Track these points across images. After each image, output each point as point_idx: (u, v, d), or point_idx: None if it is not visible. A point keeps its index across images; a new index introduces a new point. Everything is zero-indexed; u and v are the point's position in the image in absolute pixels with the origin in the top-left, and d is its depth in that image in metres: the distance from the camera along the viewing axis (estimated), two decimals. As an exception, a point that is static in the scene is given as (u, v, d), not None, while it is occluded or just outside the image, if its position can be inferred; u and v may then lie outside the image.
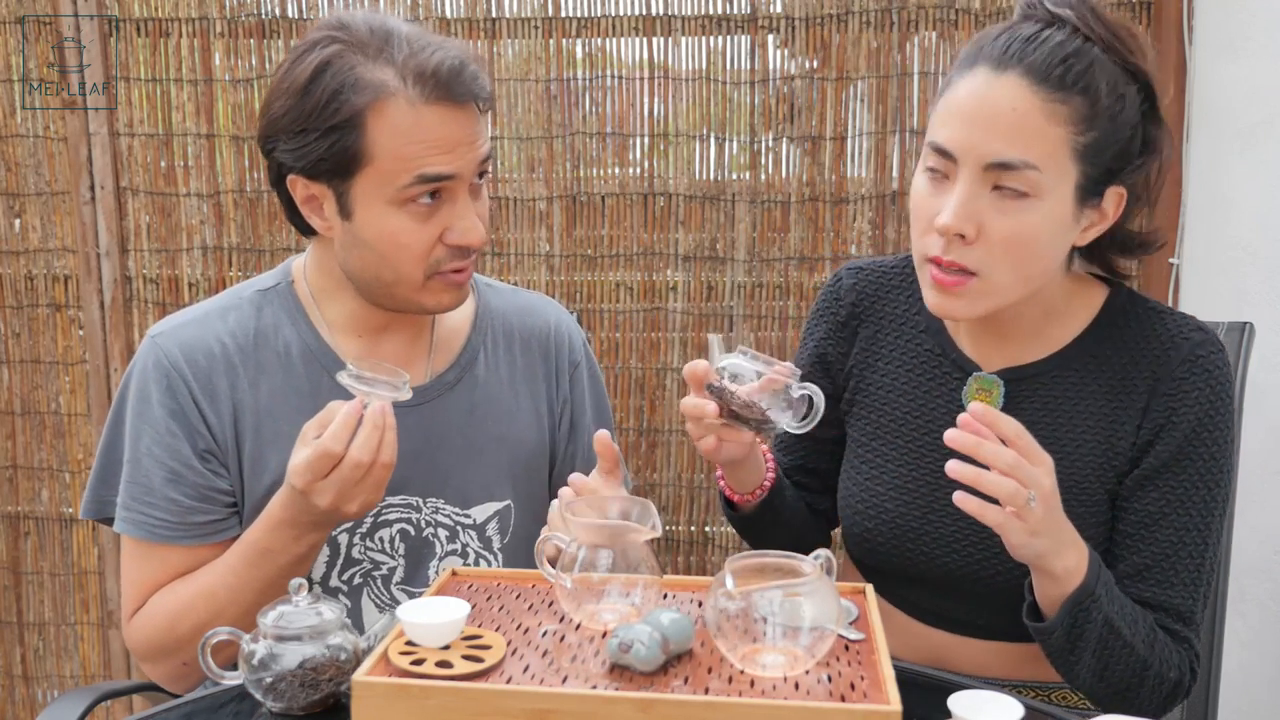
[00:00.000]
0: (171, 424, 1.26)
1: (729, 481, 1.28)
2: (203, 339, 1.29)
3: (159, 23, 2.26)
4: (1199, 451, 1.17)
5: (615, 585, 1.01)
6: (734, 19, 2.20)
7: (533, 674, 0.93)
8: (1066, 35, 1.09)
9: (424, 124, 1.18)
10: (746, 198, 2.24)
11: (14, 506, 2.45)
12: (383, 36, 1.19)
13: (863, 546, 1.32)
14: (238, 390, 1.29)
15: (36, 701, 2.51)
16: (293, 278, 1.35)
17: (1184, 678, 1.15)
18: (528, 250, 2.29)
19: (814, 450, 1.39)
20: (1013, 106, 1.07)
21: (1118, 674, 1.11)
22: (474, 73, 1.21)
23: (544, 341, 1.44)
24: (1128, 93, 1.11)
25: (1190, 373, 1.17)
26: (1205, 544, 1.18)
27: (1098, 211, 1.15)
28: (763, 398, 1.10)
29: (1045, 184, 1.08)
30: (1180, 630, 1.16)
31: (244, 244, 2.32)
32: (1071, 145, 1.08)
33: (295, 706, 1.01)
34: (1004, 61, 1.08)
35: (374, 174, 1.19)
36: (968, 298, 1.13)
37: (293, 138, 1.20)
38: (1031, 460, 1.01)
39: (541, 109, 2.24)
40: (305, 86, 1.19)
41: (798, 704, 0.86)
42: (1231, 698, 1.77)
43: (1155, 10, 2.11)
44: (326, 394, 1.30)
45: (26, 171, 2.33)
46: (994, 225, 1.10)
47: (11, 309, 2.39)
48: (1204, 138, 2.06)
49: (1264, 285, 1.87)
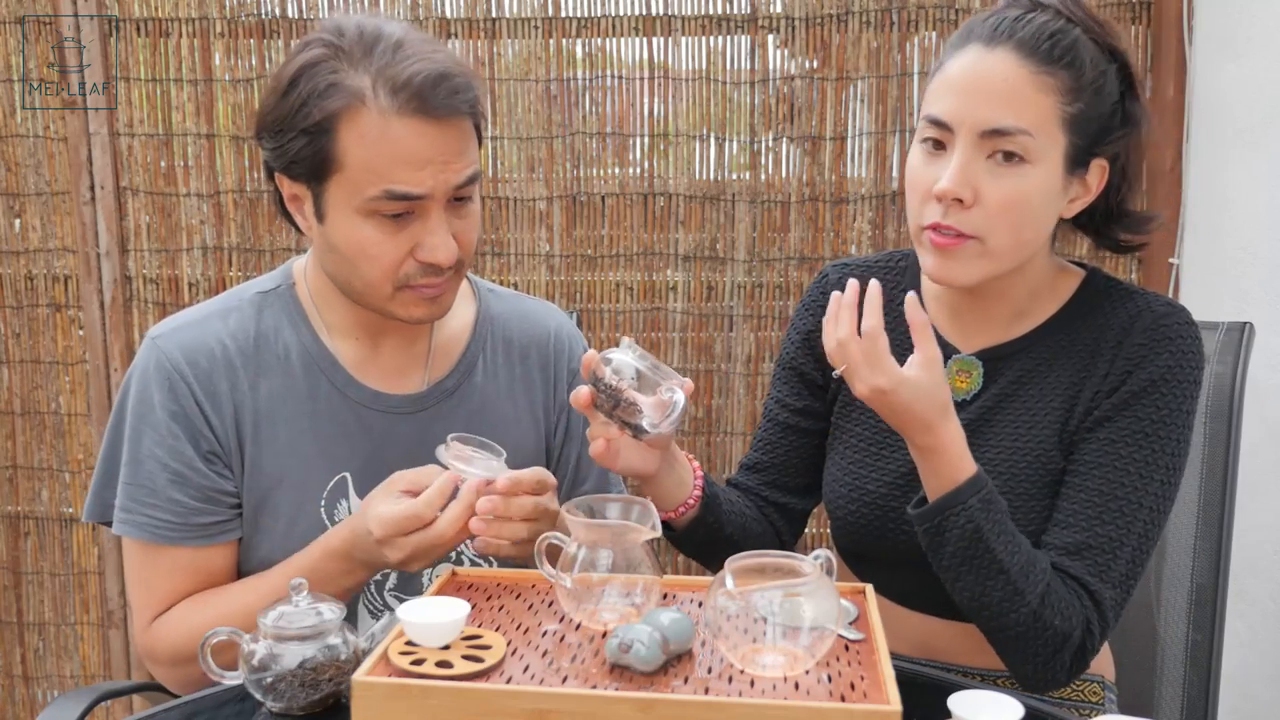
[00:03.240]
0: (174, 425, 1.26)
1: (651, 498, 1.28)
2: (203, 340, 1.29)
3: (159, 23, 2.26)
4: (1146, 410, 1.19)
5: (615, 585, 1.01)
6: (734, 19, 2.20)
7: (533, 674, 0.93)
8: (1050, 16, 1.17)
9: (393, 136, 1.15)
10: (746, 198, 2.24)
11: (14, 506, 2.45)
12: (370, 42, 1.17)
13: (847, 531, 1.34)
14: (238, 392, 1.28)
15: (36, 701, 2.52)
16: (293, 280, 1.35)
17: (1073, 632, 1.14)
18: (528, 250, 2.29)
19: (797, 446, 1.40)
20: (1004, 77, 1.14)
21: (994, 599, 1.12)
22: (455, 86, 1.16)
23: (543, 348, 1.43)
24: (1109, 70, 1.18)
25: (1152, 339, 1.20)
26: (1138, 504, 1.17)
27: (1082, 183, 1.21)
28: (636, 395, 1.11)
29: (1037, 149, 1.15)
30: (1091, 583, 1.16)
31: (244, 244, 2.32)
32: (1060, 114, 1.15)
33: (295, 706, 1.01)
34: (994, 38, 1.16)
35: (344, 181, 1.17)
36: (965, 260, 1.18)
37: (273, 136, 1.20)
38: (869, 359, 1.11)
39: (541, 109, 2.24)
40: (286, 87, 1.18)
41: (798, 704, 0.86)
42: (1231, 697, 1.77)
43: (1155, 10, 2.11)
44: (325, 398, 1.30)
45: (26, 171, 2.33)
46: (989, 190, 1.15)
47: (11, 309, 2.39)
48: (1204, 138, 2.06)
49: (1264, 285, 1.87)
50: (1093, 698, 1.32)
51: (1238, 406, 1.44)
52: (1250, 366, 1.46)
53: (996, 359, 1.28)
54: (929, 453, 1.13)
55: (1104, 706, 1.32)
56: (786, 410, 1.40)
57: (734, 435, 2.32)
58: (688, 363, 2.30)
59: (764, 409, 1.45)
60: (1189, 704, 1.49)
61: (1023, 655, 1.15)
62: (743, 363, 2.29)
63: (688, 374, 2.30)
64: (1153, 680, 1.54)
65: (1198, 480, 1.47)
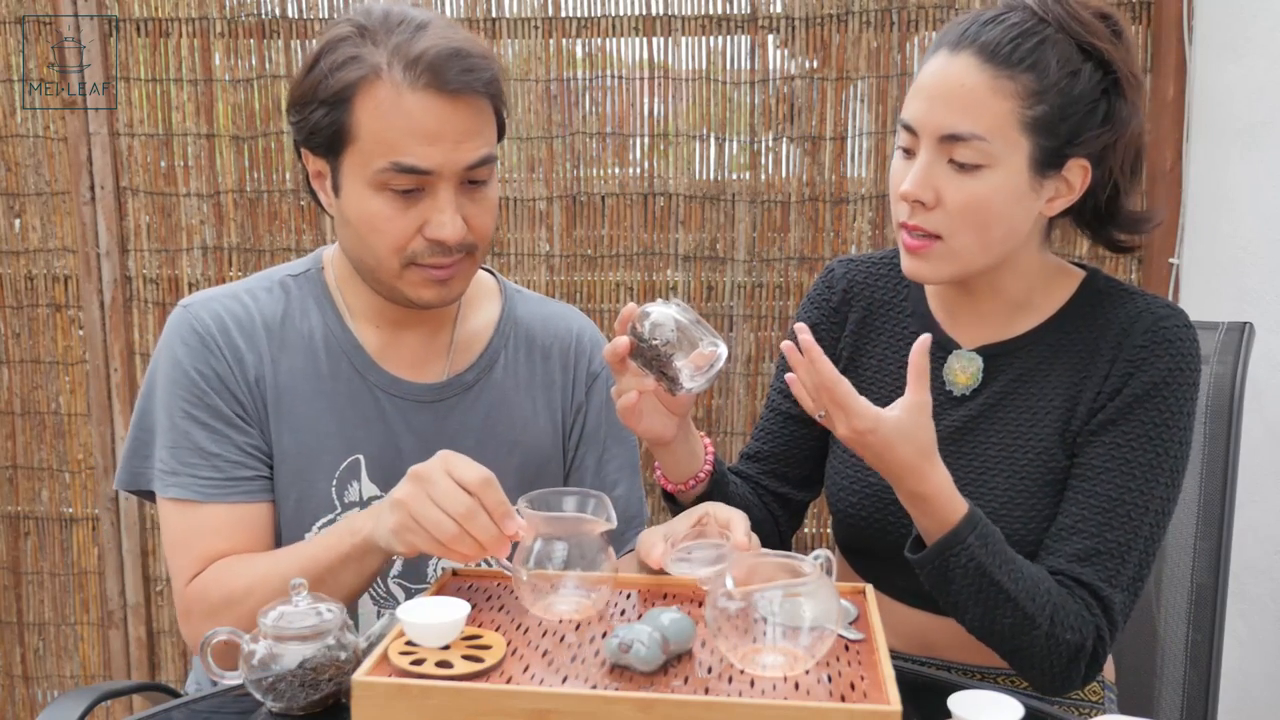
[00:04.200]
0: (205, 386, 1.27)
1: (663, 468, 1.29)
2: (233, 309, 1.31)
3: (159, 23, 2.26)
4: (1149, 414, 1.19)
5: (570, 578, 1.03)
6: (734, 19, 2.20)
7: (533, 674, 0.93)
8: (1023, 17, 1.17)
9: (405, 109, 1.17)
10: (746, 198, 2.24)
11: (14, 506, 2.45)
12: (394, 22, 1.20)
13: (848, 525, 1.34)
14: (262, 363, 1.30)
15: (36, 701, 2.52)
16: (322, 265, 1.37)
17: (1085, 642, 1.15)
18: (528, 250, 2.29)
19: (799, 436, 1.41)
20: (962, 83, 1.16)
21: (1006, 626, 1.14)
22: (470, 64, 1.18)
23: (565, 350, 1.43)
24: (1083, 69, 1.17)
25: (1152, 341, 1.21)
26: (1144, 508, 1.18)
27: (1062, 183, 1.20)
28: (675, 348, 1.12)
29: (995, 154, 1.15)
30: (1102, 589, 1.17)
31: (244, 244, 2.32)
32: (1019, 118, 1.15)
33: (295, 706, 1.01)
34: (960, 43, 1.17)
35: (357, 153, 1.20)
36: (933, 260, 1.20)
37: (298, 110, 1.23)
38: (841, 403, 1.09)
39: (541, 109, 2.24)
40: (313, 62, 1.22)
41: (798, 704, 0.86)
42: (1231, 697, 1.77)
43: (1155, 10, 2.11)
44: (345, 380, 1.31)
45: (26, 171, 2.33)
46: (950, 192, 1.17)
47: (11, 309, 2.39)
48: (1204, 138, 2.06)
49: (1264, 285, 1.87)
50: (1093, 697, 1.32)
51: (1238, 406, 1.45)
52: (1250, 366, 1.46)
53: (996, 355, 1.28)
54: (919, 499, 1.13)
55: (1104, 706, 1.32)
56: (789, 400, 1.40)
57: (734, 435, 2.31)
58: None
59: (766, 399, 1.46)
60: (1189, 704, 1.49)
61: (1038, 670, 1.17)
62: (743, 363, 2.29)
63: (688, 374, 2.30)
64: (1153, 680, 1.54)
65: (1198, 480, 1.47)
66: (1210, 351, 1.46)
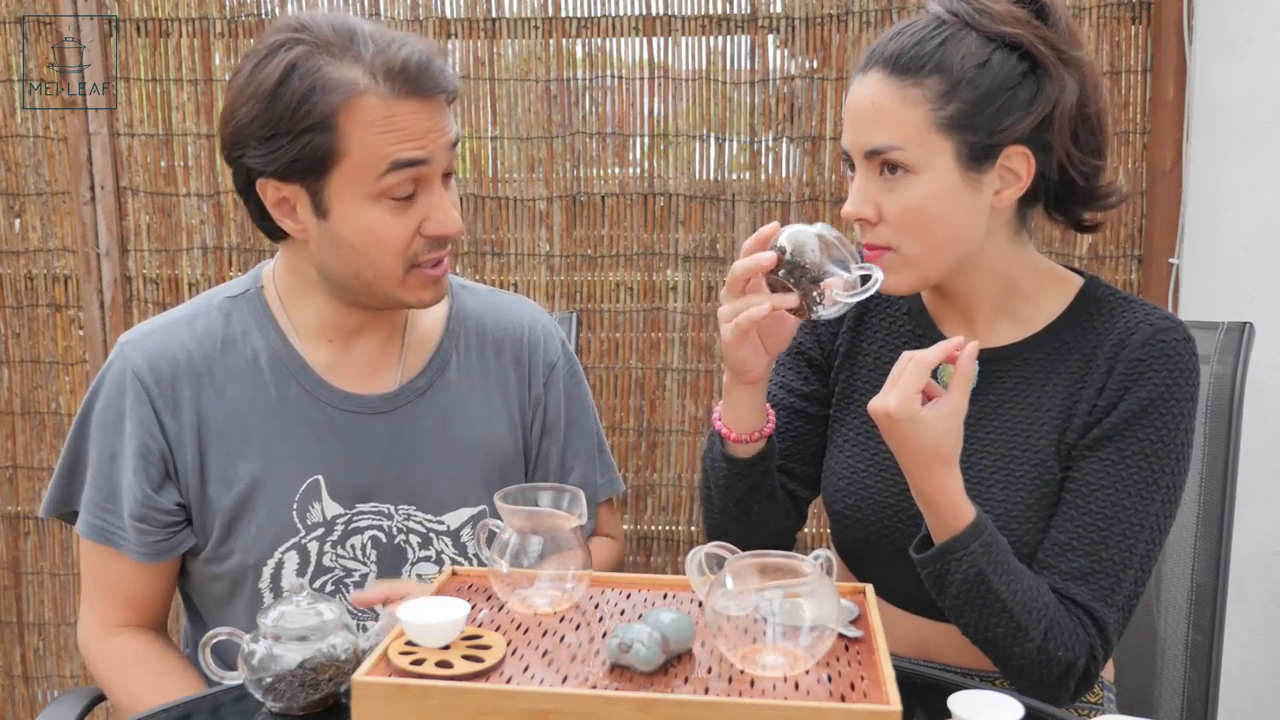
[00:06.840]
0: (137, 441, 1.28)
1: (727, 416, 1.29)
2: (168, 347, 1.30)
3: (159, 23, 2.26)
4: (1146, 430, 1.19)
5: (546, 572, 1.05)
6: (734, 19, 2.20)
7: (533, 674, 0.93)
8: (927, 22, 1.19)
9: (395, 118, 1.19)
10: (746, 198, 2.24)
11: (14, 506, 2.45)
12: (347, 35, 1.20)
13: (844, 527, 1.34)
14: (203, 399, 1.29)
15: (36, 701, 2.52)
16: (262, 284, 1.36)
17: (1077, 660, 1.15)
18: (528, 250, 2.29)
19: (803, 431, 1.40)
20: (873, 100, 1.19)
21: (999, 634, 1.15)
22: (440, 66, 1.23)
23: (517, 343, 1.43)
24: (992, 59, 1.16)
25: (1150, 354, 1.20)
26: (1140, 525, 1.18)
27: (1005, 173, 1.20)
28: (827, 266, 1.17)
29: (918, 160, 1.17)
30: (1097, 609, 1.16)
31: (244, 244, 2.32)
32: (933, 121, 1.16)
33: (295, 706, 1.01)
34: (869, 63, 1.21)
35: (348, 169, 1.19)
36: (892, 271, 1.22)
37: (263, 143, 1.19)
38: (901, 380, 1.12)
39: (541, 109, 2.24)
40: (274, 90, 1.18)
41: (798, 704, 0.86)
42: (1231, 697, 1.77)
43: (1155, 10, 2.11)
44: (295, 402, 1.31)
45: (26, 171, 2.33)
46: (887, 204, 1.20)
47: (11, 309, 2.39)
48: (1204, 138, 2.06)
49: (1264, 285, 1.87)
50: (1092, 698, 1.32)
51: (1238, 407, 1.44)
52: (1250, 366, 1.46)
53: (993, 362, 1.27)
54: (927, 500, 1.14)
55: (1104, 706, 1.32)
56: (792, 395, 1.40)
57: (734, 435, 2.31)
58: (688, 363, 2.30)
59: (768, 398, 1.45)
60: (1189, 704, 1.49)
61: (1028, 682, 1.17)
62: (743, 363, 2.28)
63: (687, 374, 2.30)
64: (1153, 680, 1.54)
65: (1198, 480, 1.47)
66: (1210, 352, 1.46)
